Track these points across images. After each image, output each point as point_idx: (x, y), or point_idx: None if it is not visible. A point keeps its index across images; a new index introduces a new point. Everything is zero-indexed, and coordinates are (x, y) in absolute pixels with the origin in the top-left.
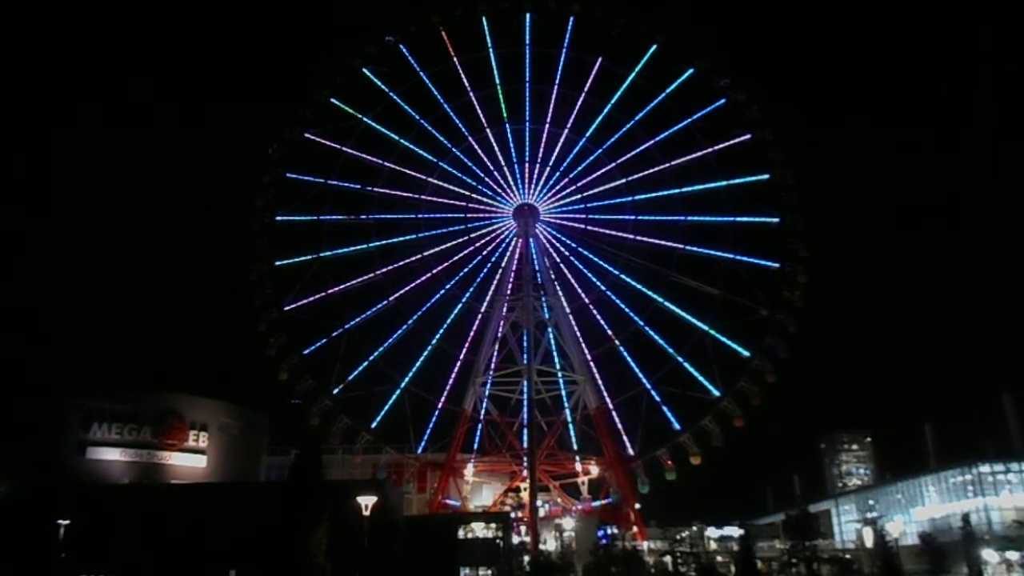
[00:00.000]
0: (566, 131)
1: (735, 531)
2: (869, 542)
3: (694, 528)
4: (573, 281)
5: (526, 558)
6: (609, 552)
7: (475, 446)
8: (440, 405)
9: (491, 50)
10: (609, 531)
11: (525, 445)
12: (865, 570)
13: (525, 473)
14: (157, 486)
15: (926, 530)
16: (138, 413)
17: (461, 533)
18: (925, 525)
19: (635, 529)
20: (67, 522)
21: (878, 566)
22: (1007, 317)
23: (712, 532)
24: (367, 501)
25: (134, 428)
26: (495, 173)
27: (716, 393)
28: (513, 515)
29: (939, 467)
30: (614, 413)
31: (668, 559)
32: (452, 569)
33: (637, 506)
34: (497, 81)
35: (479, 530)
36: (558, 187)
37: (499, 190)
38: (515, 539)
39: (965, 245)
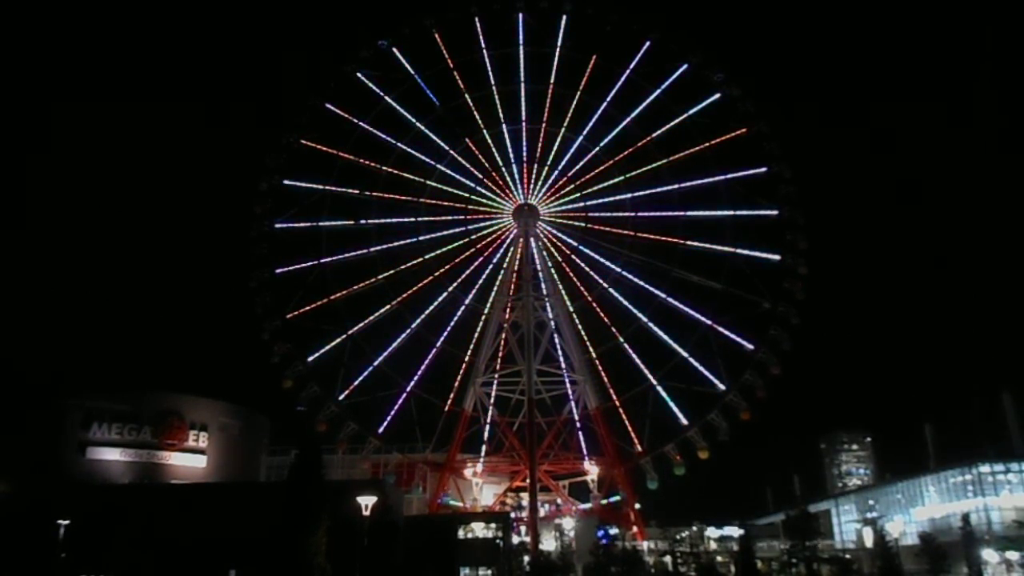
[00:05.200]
0: (563, 130)
1: (735, 531)
2: (869, 542)
3: (694, 528)
4: (575, 279)
5: (526, 558)
6: (609, 552)
7: (482, 447)
8: (446, 407)
9: (485, 51)
10: (609, 531)
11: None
12: (865, 570)
13: (526, 472)
14: (157, 486)
15: (926, 530)
16: (138, 413)
17: (461, 533)
18: (925, 525)
19: (635, 529)
20: (67, 522)
21: (878, 566)
22: (1007, 317)
23: (712, 532)
24: (367, 501)
25: (134, 428)
26: (493, 174)
27: (721, 387)
28: (513, 515)
29: (939, 467)
30: (621, 410)
31: (668, 559)
32: (452, 569)
33: (637, 506)
34: (492, 82)
35: (479, 530)
36: (557, 186)
37: (498, 191)
38: (515, 539)
39: (966, 244)
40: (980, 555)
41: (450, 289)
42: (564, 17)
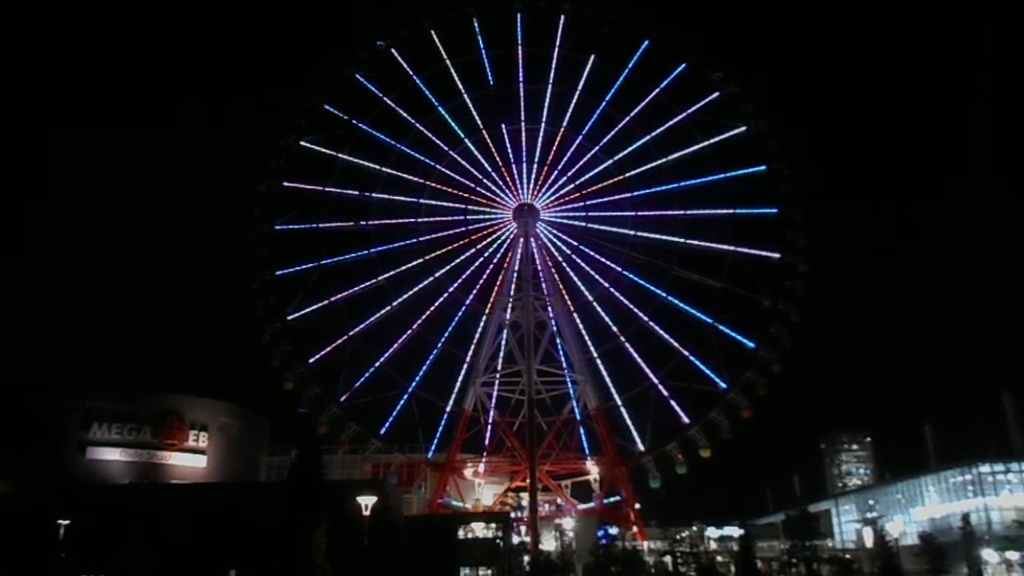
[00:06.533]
0: (562, 130)
1: (735, 531)
2: (869, 542)
3: (694, 528)
4: (575, 279)
5: (526, 558)
6: (609, 552)
7: (483, 446)
8: (448, 408)
9: (483, 51)
10: (609, 531)
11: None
12: (865, 570)
13: (527, 472)
14: (157, 486)
15: (926, 530)
16: (138, 413)
17: (461, 533)
18: (925, 525)
19: (635, 529)
20: (67, 522)
21: (878, 566)
22: (1007, 317)
23: (712, 532)
24: (367, 501)
25: (134, 428)
26: (493, 174)
27: (723, 385)
28: (513, 515)
29: (939, 467)
30: (623, 409)
31: (668, 559)
32: (452, 569)
33: (637, 506)
34: (491, 82)
35: (479, 530)
36: (557, 186)
37: (498, 191)
38: (515, 539)
39: (966, 244)
40: (980, 555)
41: (451, 290)
42: (562, 17)
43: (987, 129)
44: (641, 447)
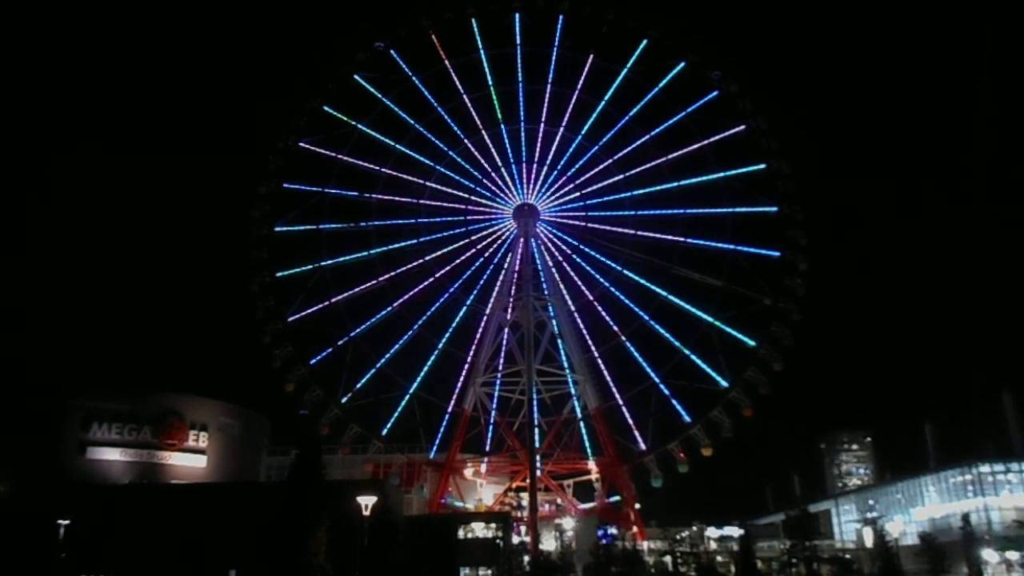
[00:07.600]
0: (561, 130)
1: (735, 531)
2: (869, 542)
3: (694, 528)
4: (576, 279)
5: (526, 558)
6: (609, 552)
7: (484, 447)
8: (449, 408)
9: (482, 51)
10: (609, 531)
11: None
12: (865, 570)
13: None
14: (157, 486)
15: (926, 530)
16: (138, 413)
17: (461, 533)
18: (925, 525)
19: (635, 529)
20: (67, 522)
21: (878, 566)
22: (1007, 317)
23: (712, 532)
24: (367, 501)
25: (134, 428)
26: (493, 174)
27: (724, 384)
28: (513, 515)
29: (939, 467)
30: (624, 409)
31: (668, 559)
32: (452, 569)
33: (637, 506)
34: (490, 82)
35: (479, 530)
36: (556, 186)
37: (498, 191)
38: (515, 539)
39: (966, 244)
40: (980, 555)
41: (451, 290)
42: (561, 16)
43: (987, 129)
44: (642, 446)
